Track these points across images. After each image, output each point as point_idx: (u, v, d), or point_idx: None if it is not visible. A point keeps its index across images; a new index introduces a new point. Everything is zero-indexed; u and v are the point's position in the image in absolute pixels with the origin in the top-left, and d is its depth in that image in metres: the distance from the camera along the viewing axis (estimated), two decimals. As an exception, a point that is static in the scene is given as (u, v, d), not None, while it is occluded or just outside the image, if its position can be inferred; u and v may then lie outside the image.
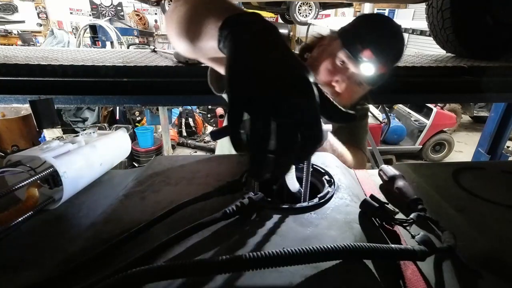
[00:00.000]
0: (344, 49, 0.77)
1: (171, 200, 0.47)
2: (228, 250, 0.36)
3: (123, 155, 0.70)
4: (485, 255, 0.39)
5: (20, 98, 1.07)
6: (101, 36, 5.05)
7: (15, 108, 3.80)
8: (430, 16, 1.60)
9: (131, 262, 0.33)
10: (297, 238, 0.38)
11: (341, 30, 0.83)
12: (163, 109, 3.42)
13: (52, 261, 0.38)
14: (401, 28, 0.82)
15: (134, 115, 4.41)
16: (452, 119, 4.53)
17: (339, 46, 0.79)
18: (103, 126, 3.95)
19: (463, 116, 5.85)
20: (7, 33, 7.20)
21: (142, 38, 7.41)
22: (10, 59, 1.09)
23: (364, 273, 0.33)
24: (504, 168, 0.63)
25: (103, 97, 1.16)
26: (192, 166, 0.60)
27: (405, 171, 0.60)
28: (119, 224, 0.42)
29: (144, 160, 3.86)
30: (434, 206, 0.50)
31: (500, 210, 0.49)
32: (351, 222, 0.41)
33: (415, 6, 7.72)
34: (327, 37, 0.89)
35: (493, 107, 1.98)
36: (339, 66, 0.80)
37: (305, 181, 0.46)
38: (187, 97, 1.22)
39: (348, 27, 0.83)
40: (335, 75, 0.80)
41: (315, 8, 4.93)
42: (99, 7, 7.62)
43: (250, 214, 0.43)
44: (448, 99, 1.96)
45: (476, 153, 2.06)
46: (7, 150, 3.57)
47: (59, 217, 0.50)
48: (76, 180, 0.54)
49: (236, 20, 0.39)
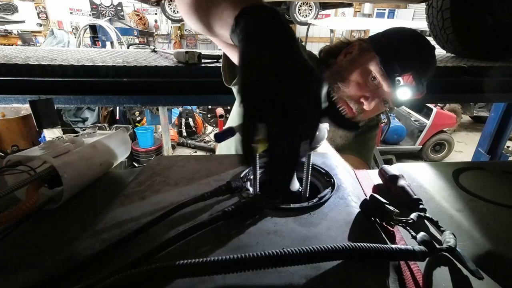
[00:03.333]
0: (380, 67, 0.72)
1: (171, 200, 0.47)
2: (228, 250, 0.36)
3: (123, 155, 0.70)
4: (485, 255, 0.39)
5: (20, 98, 1.08)
6: (101, 36, 5.05)
7: (15, 108, 3.80)
8: (430, 16, 1.59)
9: (131, 262, 0.33)
10: (297, 238, 0.38)
11: (376, 42, 0.76)
12: (163, 109, 3.42)
13: (52, 261, 0.38)
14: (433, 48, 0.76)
15: (134, 115, 4.40)
16: (452, 119, 4.54)
17: (373, 61, 0.73)
18: (103, 126, 3.94)
19: (463, 116, 5.85)
20: (7, 33, 7.20)
21: (142, 38, 7.42)
22: (10, 59, 1.08)
23: (364, 273, 0.33)
24: (504, 168, 0.63)
25: (103, 97, 1.16)
26: (192, 166, 0.60)
27: (405, 171, 0.60)
28: (119, 224, 0.42)
29: (144, 160, 3.86)
30: (434, 206, 0.50)
31: (500, 210, 0.49)
32: (351, 222, 0.41)
33: (415, 6, 7.72)
34: (356, 44, 0.82)
35: (493, 107, 1.98)
36: (370, 82, 0.74)
37: (305, 181, 0.46)
38: (187, 97, 1.22)
39: (383, 40, 0.76)
40: (365, 91, 0.75)
41: (315, 8, 4.94)
42: (99, 7, 7.63)
43: (250, 214, 0.43)
44: (448, 99, 1.96)
45: (476, 153, 2.06)
46: (7, 150, 3.56)
47: (59, 217, 0.50)
48: (76, 180, 0.54)
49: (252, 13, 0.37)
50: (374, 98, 0.75)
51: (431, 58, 0.75)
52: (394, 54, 0.72)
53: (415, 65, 0.71)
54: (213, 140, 4.72)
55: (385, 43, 0.75)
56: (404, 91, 0.70)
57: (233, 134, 0.38)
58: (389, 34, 0.77)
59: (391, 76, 0.71)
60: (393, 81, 0.71)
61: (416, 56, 0.72)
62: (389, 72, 0.71)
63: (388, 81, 0.71)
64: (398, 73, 0.70)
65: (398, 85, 0.70)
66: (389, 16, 8.58)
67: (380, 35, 0.79)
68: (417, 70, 0.70)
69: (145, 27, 7.91)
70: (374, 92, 0.75)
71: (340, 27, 4.67)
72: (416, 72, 0.70)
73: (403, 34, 0.77)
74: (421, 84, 0.71)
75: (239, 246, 0.37)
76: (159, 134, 4.06)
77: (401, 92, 0.71)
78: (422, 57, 0.73)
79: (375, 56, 0.73)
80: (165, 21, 7.85)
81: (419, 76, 0.71)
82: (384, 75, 0.71)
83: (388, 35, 0.77)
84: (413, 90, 0.71)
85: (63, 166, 0.50)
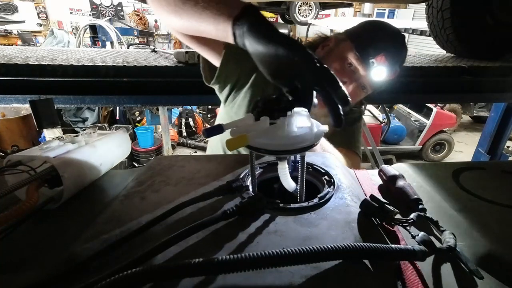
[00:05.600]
0: (355, 52, 0.78)
1: (171, 200, 0.47)
2: (228, 250, 0.36)
3: (123, 155, 0.70)
4: (485, 255, 0.39)
5: (20, 98, 1.08)
6: (101, 36, 5.05)
7: (15, 108, 3.81)
8: (430, 16, 1.60)
9: (131, 262, 0.33)
10: (297, 238, 0.38)
11: (351, 33, 0.84)
12: (163, 109, 3.42)
13: (52, 261, 0.38)
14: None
15: (134, 115, 4.41)
16: (452, 119, 4.54)
17: (349, 49, 0.80)
18: (103, 126, 3.94)
19: (463, 116, 5.85)
20: (7, 33, 7.19)
21: (142, 38, 7.42)
22: (10, 59, 1.09)
23: (364, 273, 0.33)
24: (504, 168, 0.62)
25: (103, 97, 1.16)
26: (192, 166, 0.60)
27: (405, 171, 0.60)
28: (119, 224, 0.42)
29: (144, 160, 3.86)
30: (434, 206, 0.50)
31: (500, 210, 0.49)
32: (351, 222, 0.41)
33: (415, 6, 7.72)
34: (332, 37, 0.90)
35: (493, 107, 1.98)
36: (347, 68, 0.81)
37: (300, 180, 0.46)
38: (187, 97, 1.22)
39: (357, 30, 0.84)
40: (343, 76, 0.80)
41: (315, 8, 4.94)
42: (99, 7, 7.62)
43: (250, 214, 0.43)
44: (448, 99, 1.96)
45: (476, 153, 2.06)
46: (7, 150, 3.56)
47: (59, 217, 0.50)
48: (76, 180, 0.54)
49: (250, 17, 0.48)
50: (352, 82, 0.81)
51: (401, 40, 0.82)
52: (367, 39, 0.80)
53: (387, 46, 0.78)
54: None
55: (359, 31, 0.83)
56: (379, 71, 0.77)
57: (222, 131, 0.39)
58: (361, 25, 0.86)
59: (365, 59, 0.77)
60: (368, 64, 0.77)
61: (387, 39, 0.80)
62: (363, 56, 0.77)
63: (363, 64, 0.78)
64: (372, 56, 0.76)
65: (373, 67, 0.77)
66: (389, 16, 8.58)
67: (353, 27, 0.87)
68: (389, 50, 0.77)
69: (145, 27, 7.90)
70: (351, 77, 0.81)
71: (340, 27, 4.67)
72: (388, 52, 0.76)
73: (374, 24, 0.86)
74: (394, 64, 0.78)
75: (239, 246, 0.37)
76: (159, 134, 4.06)
77: (376, 72, 0.77)
78: (393, 40, 0.80)
79: (350, 44, 0.81)
80: None
81: (392, 56, 0.77)
82: (359, 59, 0.78)
83: (361, 26, 0.85)
84: (387, 70, 0.77)
85: (63, 166, 0.50)
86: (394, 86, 1.22)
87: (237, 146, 0.37)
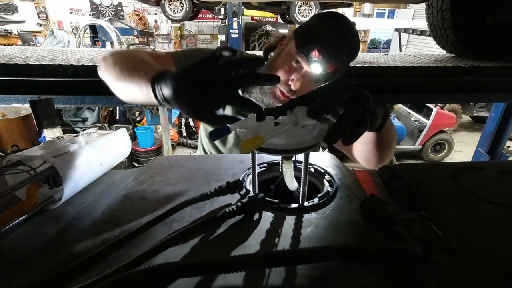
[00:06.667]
0: (297, 49, 0.79)
1: (171, 200, 0.47)
2: (228, 250, 0.36)
3: (123, 155, 0.70)
4: (485, 255, 0.39)
5: (20, 98, 1.07)
6: (101, 36, 5.04)
7: (15, 108, 3.80)
8: (430, 16, 1.59)
9: (131, 262, 0.33)
10: (297, 238, 0.38)
11: (297, 29, 0.84)
12: (163, 109, 3.40)
13: (52, 261, 0.38)
14: (353, 25, 0.82)
15: (134, 115, 4.41)
16: (452, 119, 4.53)
17: (293, 45, 0.81)
18: (103, 126, 3.94)
19: (463, 116, 5.84)
20: (7, 33, 7.19)
21: (142, 38, 7.41)
22: (10, 59, 1.09)
23: (364, 273, 0.33)
24: (504, 168, 0.62)
25: (103, 97, 1.16)
26: (192, 166, 0.60)
27: (405, 171, 0.60)
28: (119, 224, 0.42)
29: (144, 160, 3.86)
30: (434, 206, 0.50)
31: (500, 210, 0.49)
32: (351, 222, 0.41)
33: (415, 6, 7.72)
34: (286, 36, 0.91)
35: (493, 107, 1.98)
36: (294, 65, 0.82)
37: (303, 180, 0.46)
38: (187, 97, 1.22)
39: (303, 25, 0.84)
40: (291, 74, 0.82)
41: (315, 8, 4.94)
42: (99, 7, 7.62)
43: (250, 214, 0.43)
44: (448, 99, 1.96)
45: (476, 153, 2.05)
46: (7, 150, 3.56)
47: (59, 217, 0.50)
48: (76, 180, 0.54)
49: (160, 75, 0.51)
50: (299, 79, 0.82)
51: (338, 31, 0.79)
52: (307, 34, 0.80)
53: (322, 39, 0.76)
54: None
55: (303, 27, 0.83)
56: (316, 66, 0.77)
57: (229, 132, 0.39)
58: (310, 19, 0.84)
59: (307, 55, 0.77)
60: (309, 60, 0.77)
61: (323, 32, 0.78)
62: (305, 52, 0.77)
63: (305, 59, 0.78)
64: (310, 51, 0.76)
65: (312, 61, 0.77)
66: (389, 16, 8.59)
67: (304, 23, 0.86)
68: (322, 43, 0.76)
69: (145, 27, 7.90)
70: (299, 73, 0.82)
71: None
72: (322, 45, 0.75)
73: (319, 16, 0.84)
74: (329, 56, 0.76)
75: (239, 246, 0.37)
76: (159, 134, 4.06)
77: (314, 67, 0.78)
78: (329, 31, 0.78)
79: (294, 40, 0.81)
80: (165, 21, 7.85)
81: (325, 48, 0.76)
82: (299, 54, 0.78)
83: (309, 20, 0.84)
84: (323, 63, 0.77)
85: (63, 166, 0.50)
86: (394, 86, 1.22)
87: (253, 146, 0.35)
